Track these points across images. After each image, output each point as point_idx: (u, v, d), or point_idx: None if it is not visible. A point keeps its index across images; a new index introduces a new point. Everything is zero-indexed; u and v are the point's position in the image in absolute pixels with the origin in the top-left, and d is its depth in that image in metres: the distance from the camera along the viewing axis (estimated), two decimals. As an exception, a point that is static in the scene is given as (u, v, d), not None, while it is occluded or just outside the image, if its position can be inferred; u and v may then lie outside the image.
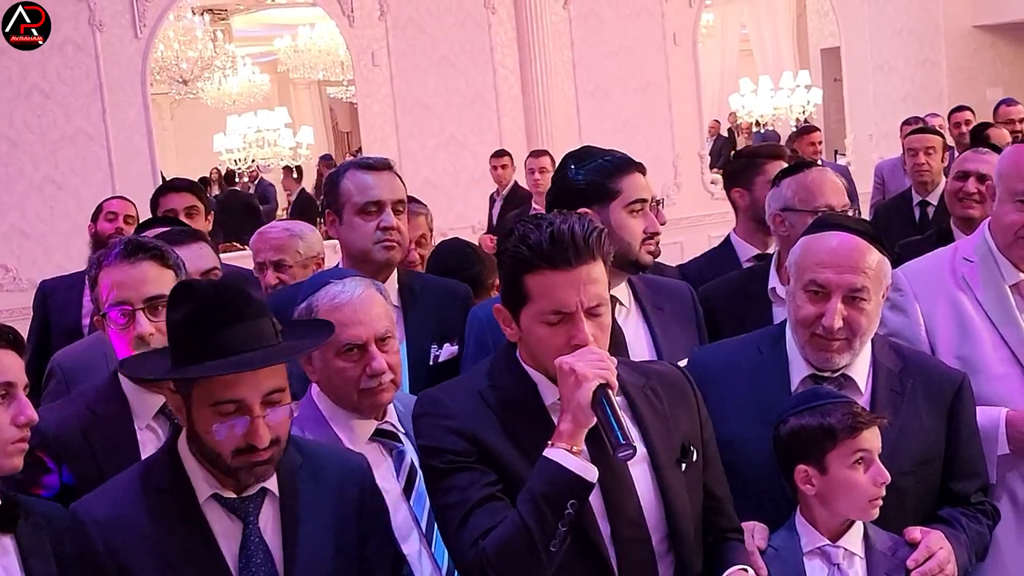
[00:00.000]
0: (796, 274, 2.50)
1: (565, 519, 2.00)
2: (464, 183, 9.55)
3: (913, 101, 11.63)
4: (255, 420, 2.02)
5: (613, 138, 9.85)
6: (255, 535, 2.09)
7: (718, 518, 2.29)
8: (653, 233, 2.89)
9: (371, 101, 9.84)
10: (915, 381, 2.52)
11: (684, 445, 2.22)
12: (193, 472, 2.09)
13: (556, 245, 2.07)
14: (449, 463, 2.10)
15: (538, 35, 10.12)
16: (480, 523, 2.04)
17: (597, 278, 2.11)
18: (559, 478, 2.00)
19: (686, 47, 10.96)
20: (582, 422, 2.04)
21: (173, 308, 2.09)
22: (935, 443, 2.49)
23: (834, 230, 2.49)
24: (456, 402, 2.17)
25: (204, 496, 2.08)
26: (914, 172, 6.19)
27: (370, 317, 2.48)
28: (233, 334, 2.02)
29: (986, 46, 12.41)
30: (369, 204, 3.05)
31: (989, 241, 2.86)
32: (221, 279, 2.12)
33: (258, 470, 2.06)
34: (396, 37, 9.81)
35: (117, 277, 2.59)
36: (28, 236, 8.53)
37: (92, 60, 8.73)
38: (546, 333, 2.11)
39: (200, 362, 2.00)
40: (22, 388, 2.20)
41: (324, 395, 2.53)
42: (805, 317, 2.44)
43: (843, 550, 2.34)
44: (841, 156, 12.26)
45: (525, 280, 2.10)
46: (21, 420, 2.17)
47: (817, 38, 14.65)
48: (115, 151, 8.82)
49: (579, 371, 2.03)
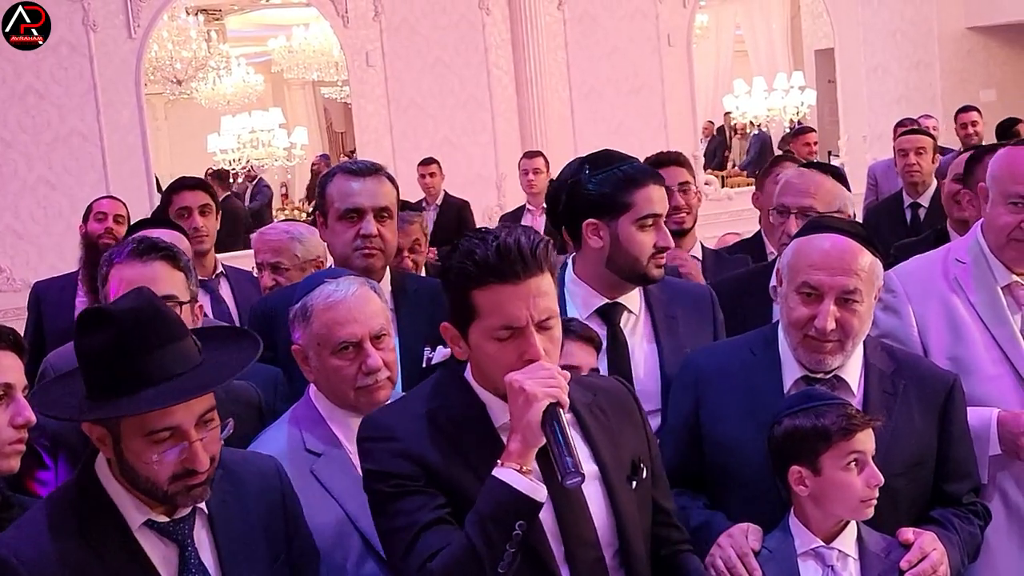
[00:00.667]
0: (789, 276, 2.50)
1: (513, 540, 1.96)
2: (458, 184, 9.54)
3: (907, 103, 11.66)
4: (193, 445, 1.95)
5: (607, 139, 9.85)
6: (193, 557, 2.03)
7: (669, 531, 2.29)
8: (663, 248, 2.85)
9: (365, 102, 9.84)
10: (907, 383, 2.52)
11: (634, 462, 2.20)
12: (120, 500, 2.00)
13: (503, 258, 2.02)
14: (396, 487, 2.05)
15: (532, 36, 10.12)
16: (428, 546, 2.00)
17: (546, 291, 2.07)
18: (507, 498, 1.97)
19: (680, 48, 10.97)
20: (531, 442, 2.00)
21: (86, 335, 1.97)
22: (928, 444, 2.50)
23: (826, 232, 2.50)
24: (402, 425, 2.11)
25: (137, 524, 2.00)
26: (905, 173, 6.21)
27: (365, 315, 2.48)
28: (160, 360, 1.94)
29: (979, 48, 12.44)
30: (349, 211, 3.05)
31: (981, 242, 2.87)
32: (136, 301, 1.99)
33: (196, 492, 1.99)
34: (390, 38, 9.81)
35: (128, 275, 2.57)
36: (21, 236, 8.52)
37: (86, 60, 8.73)
38: (496, 349, 2.06)
39: (127, 393, 1.91)
40: (21, 390, 2.20)
41: (321, 394, 2.53)
42: (798, 319, 2.45)
43: (837, 552, 2.34)
44: (835, 157, 12.27)
45: (473, 295, 2.05)
46: (19, 421, 2.17)
47: (811, 39, 14.67)
48: (109, 151, 8.81)
49: (529, 390, 1.98)
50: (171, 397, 1.92)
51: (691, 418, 2.56)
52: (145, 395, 1.91)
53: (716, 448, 2.52)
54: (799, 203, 3.37)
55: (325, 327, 2.46)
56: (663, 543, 2.26)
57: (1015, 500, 2.76)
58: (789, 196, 3.42)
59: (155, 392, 1.91)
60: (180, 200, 4.66)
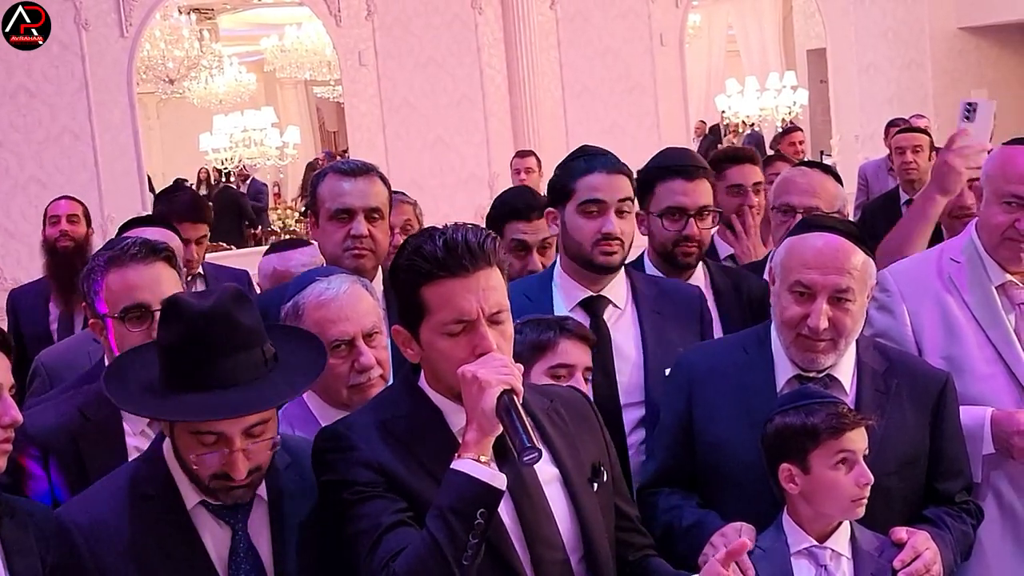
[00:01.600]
0: (781, 275, 2.50)
1: (476, 530, 1.93)
2: (451, 184, 9.56)
3: (898, 102, 11.68)
4: (234, 453, 1.98)
5: (600, 138, 9.82)
6: (244, 541, 2.06)
7: (633, 536, 2.28)
8: (608, 235, 2.87)
9: (358, 101, 9.83)
10: (900, 381, 2.53)
11: (594, 465, 2.19)
12: (180, 479, 2.06)
13: (451, 252, 2.02)
14: (358, 493, 2.04)
15: (525, 35, 10.12)
16: (390, 546, 1.98)
17: (495, 285, 2.05)
18: (467, 488, 1.94)
19: (673, 48, 10.98)
20: (487, 430, 1.98)
21: (163, 323, 2.04)
22: (920, 443, 2.50)
23: (819, 231, 2.50)
24: (359, 435, 2.09)
25: (192, 503, 2.06)
26: (901, 171, 6.23)
27: (357, 313, 2.47)
28: (220, 368, 1.97)
29: (971, 48, 12.47)
30: (340, 211, 3.05)
31: (976, 242, 2.88)
32: (213, 302, 2.01)
33: (236, 493, 2.04)
34: (383, 37, 9.81)
35: (132, 278, 2.55)
36: (12, 235, 8.50)
37: (78, 59, 8.70)
38: (448, 345, 2.04)
39: (188, 390, 1.97)
40: (7, 389, 2.18)
41: (313, 393, 2.52)
42: (791, 318, 2.45)
43: (830, 551, 2.34)
44: (827, 157, 12.30)
45: (422, 292, 2.04)
46: (5, 421, 2.15)
47: (803, 39, 14.72)
48: (101, 150, 8.79)
49: (482, 377, 1.97)
50: (209, 411, 1.96)
51: (684, 417, 2.56)
52: (190, 401, 1.95)
53: (709, 448, 2.51)
54: (805, 203, 3.36)
55: (317, 325, 2.44)
56: (628, 548, 2.25)
57: (1009, 499, 2.76)
58: (795, 196, 3.41)
59: (200, 401, 1.95)
60: (182, 230, 4.59)
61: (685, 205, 3.19)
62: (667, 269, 3.26)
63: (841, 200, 3.45)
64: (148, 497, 2.04)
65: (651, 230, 3.28)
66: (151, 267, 2.58)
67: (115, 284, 2.57)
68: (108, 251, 2.66)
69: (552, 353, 2.61)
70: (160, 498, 2.05)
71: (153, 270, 2.57)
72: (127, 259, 2.59)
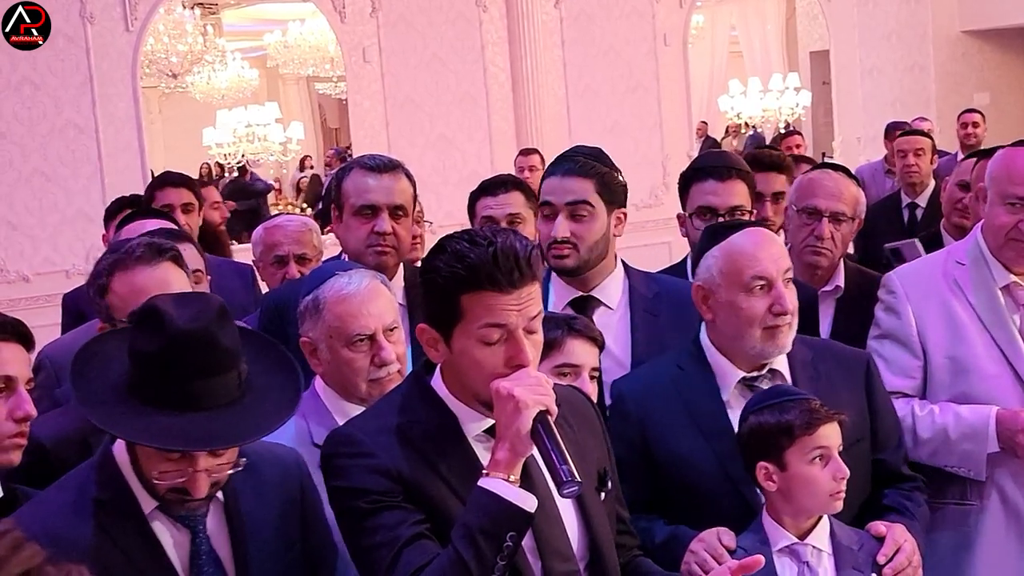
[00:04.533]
0: (731, 279, 2.50)
1: (504, 552, 1.89)
2: (454, 181, 9.55)
3: (901, 105, 11.69)
4: (197, 473, 1.93)
5: (602, 137, 9.86)
6: (204, 544, 2.02)
7: (625, 538, 2.28)
8: (554, 239, 2.89)
9: (361, 98, 9.84)
10: (827, 365, 2.59)
11: (600, 473, 2.18)
12: (135, 484, 1.99)
13: (499, 267, 1.94)
14: (373, 503, 1.98)
15: (529, 34, 10.12)
16: (411, 561, 1.93)
17: (535, 297, 2.00)
18: (497, 509, 1.90)
19: (676, 48, 10.98)
20: (520, 451, 1.93)
21: (139, 332, 1.95)
22: (861, 422, 2.55)
23: (736, 231, 2.56)
24: (374, 440, 2.03)
25: (149, 508, 1.99)
26: (903, 174, 6.25)
27: (378, 308, 2.47)
28: (198, 389, 1.91)
29: (973, 51, 12.48)
30: (364, 207, 3.03)
31: (981, 244, 2.89)
32: (197, 322, 1.93)
33: (191, 505, 1.98)
34: (387, 34, 9.81)
35: (139, 282, 2.49)
36: (16, 228, 8.49)
37: (83, 52, 8.70)
38: (482, 355, 1.98)
39: (159, 406, 1.90)
40: (23, 383, 2.18)
41: (329, 388, 2.52)
42: (757, 313, 2.47)
43: (811, 547, 2.36)
44: (829, 159, 12.31)
45: (461, 300, 1.96)
46: (19, 414, 2.16)
47: (806, 41, 14.71)
48: (104, 144, 8.78)
49: (519, 397, 1.91)
50: (183, 439, 1.89)
51: (638, 443, 2.54)
52: (163, 423, 1.89)
53: (670, 466, 2.51)
54: (832, 207, 3.32)
55: (339, 319, 2.44)
56: (620, 550, 2.23)
57: (1013, 497, 2.79)
58: (821, 199, 3.34)
59: (174, 424, 1.89)
60: (163, 197, 4.58)
61: (715, 205, 3.22)
62: None
63: (863, 204, 3.43)
64: (102, 503, 1.96)
65: (688, 231, 3.30)
66: (157, 268, 2.53)
67: (121, 288, 2.52)
68: (113, 253, 2.60)
69: (559, 352, 2.61)
70: (115, 503, 1.97)
71: (159, 271, 2.53)
72: (132, 262, 2.53)
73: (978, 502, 2.82)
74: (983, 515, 2.81)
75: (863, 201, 3.44)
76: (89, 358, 2.04)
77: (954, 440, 2.76)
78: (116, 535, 1.95)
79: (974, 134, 8.14)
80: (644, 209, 9.69)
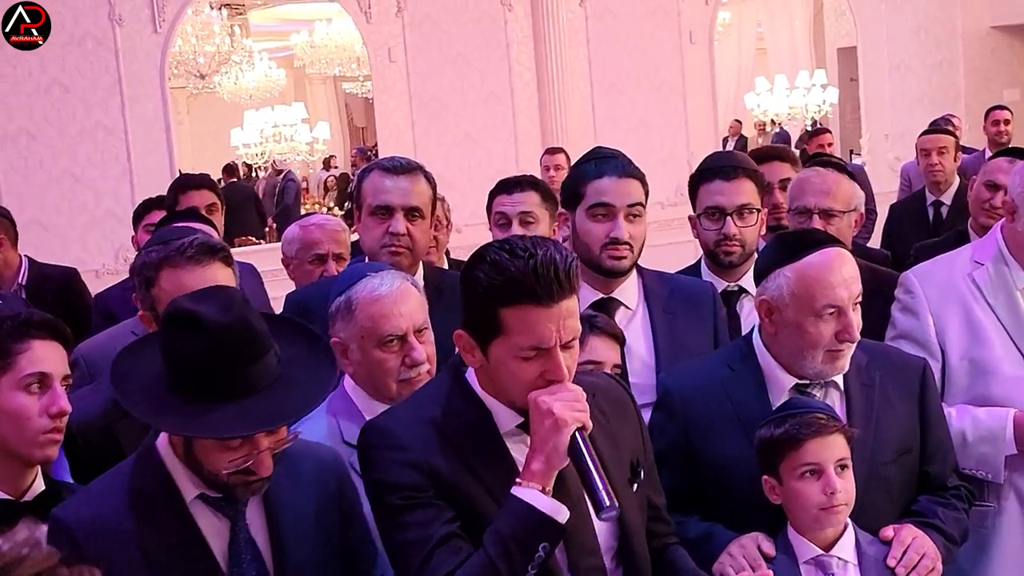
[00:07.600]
0: (803, 303, 2.43)
1: (535, 561, 1.93)
2: (479, 180, 9.55)
3: (929, 102, 11.60)
4: (262, 454, 1.99)
5: (628, 136, 9.87)
6: (243, 532, 2.07)
7: (658, 526, 2.27)
8: (616, 239, 2.89)
9: (387, 97, 9.88)
10: (882, 372, 2.55)
11: (632, 464, 2.18)
12: (177, 473, 2.05)
13: (540, 280, 1.94)
14: (406, 499, 2.01)
15: (554, 32, 10.13)
16: (444, 562, 1.96)
17: (574, 311, 2.01)
18: (530, 520, 1.93)
19: (702, 45, 10.96)
20: (555, 465, 1.96)
21: (178, 338, 1.98)
22: (911, 430, 2.53)
23: (811, 250, 2.47)
24: (408, 433, 2.05)
25: (190, 496, 2.04)
26: (927, 172, 6.22)
27: (409, 308, 2.49)
28: (247, 376, 1.98)
29: (1003, 47, 12.37)
30: (380, 208, 3.05)
31: (1001, 245, 2.88)
32: (233, 314, 1.99)
33: (255, 486, 2.04)
34: (413, 33, 9.85)
35: (188, 281, 2.49)
36: (46, 228, 8.59)
37: (111, 54, 8.79)
38: (519, 368, 2.00)
39: (209, 399, 1.95)
40: (59, 380, 2.23)
41: (358, 387, 2.54)
42: (823, 339, 2.43)
43: (836, 559, 2.35)
44: (857, 156, 12.25)
45: (501, 313, 1.97)
46: (53, 410, 2.20)
47: (833, 37, 14.63)
48: (133, 145, 8.88)
49: (558, 414, 1.94)
50: (248, 424, 1.95)
51: (680, 441, 2.54)
52: (221, 415, 1.95)
53: (710, 467, 2.51)
54: (821, 204, 3.35)
55: (371, 320, 2.46)
56: (652, 537, 2.24)
57: (1031, 499, 2.78)
58: (810, 196, 3.38)
59: (230, 413, 1.95)
60: (187, 200, 4.59)
61: (722, 204, 3.22)
62: (715, 270, 3.30)
63: (857, 200, 3.42)
64: (144, 493, 2.03)
65: (699, 232, 3.32)
66: (207, 269, 2.54)
67: (169, 284, 2.53)
68: (162, 246, 2.61)
69: (581, 350, 2.62)
70: (158, 493, 2.03)
71: (209, 272, 2.54)
72: (182, 260, 2.55)
73: (996, 504, 2.80)
74: (1001, 517, 2.80)
75: (859, 194, 3.43)
76: (127, 372, 2.09)
77: (972, 443, 2.74)
78: (158, 523, 2.01)
79: (1005, 131, 8.06)
80: (670, 208, 9.66)
